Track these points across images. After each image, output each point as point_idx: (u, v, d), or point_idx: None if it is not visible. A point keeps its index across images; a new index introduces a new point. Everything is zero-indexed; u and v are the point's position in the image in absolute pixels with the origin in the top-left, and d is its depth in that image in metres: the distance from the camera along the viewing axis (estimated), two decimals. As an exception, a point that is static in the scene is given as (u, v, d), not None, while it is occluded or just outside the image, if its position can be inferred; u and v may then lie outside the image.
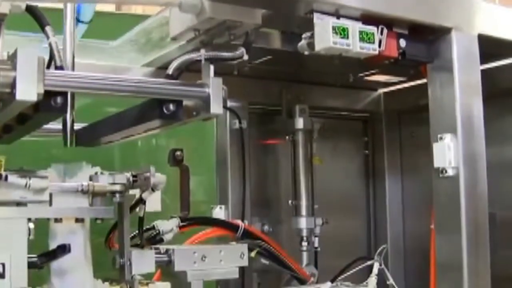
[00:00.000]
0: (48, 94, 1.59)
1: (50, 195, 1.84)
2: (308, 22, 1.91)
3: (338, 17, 1.90)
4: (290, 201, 3.02)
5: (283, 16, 2.10)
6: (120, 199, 1.99)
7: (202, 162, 3.33)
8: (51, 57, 1.79)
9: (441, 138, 2.06)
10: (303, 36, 1.96)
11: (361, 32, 1.91)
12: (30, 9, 1.82)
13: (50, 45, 1.79)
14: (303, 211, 2.97)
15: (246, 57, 1.99)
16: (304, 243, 2.96)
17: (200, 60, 1.94)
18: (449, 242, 2.06)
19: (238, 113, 2.88)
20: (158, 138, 3.70)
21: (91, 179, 1.96)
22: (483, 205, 2.07)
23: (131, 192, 2.06)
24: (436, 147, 2.07)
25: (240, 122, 2.89)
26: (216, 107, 1.84)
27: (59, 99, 1.63)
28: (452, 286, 2.04)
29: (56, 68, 1.78)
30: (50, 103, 1.62)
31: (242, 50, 1.98)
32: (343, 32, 1.87)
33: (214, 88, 1.84)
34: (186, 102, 1.89)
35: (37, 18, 1.83)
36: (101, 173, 1.99)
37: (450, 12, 2.08)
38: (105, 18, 3.34)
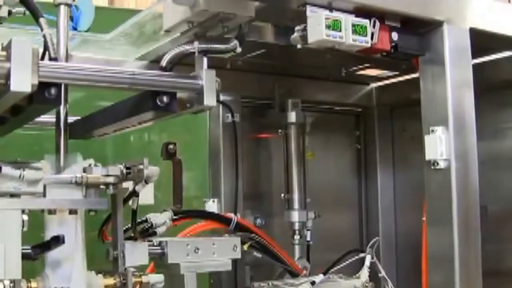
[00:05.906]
0: (42, 86, 1.60)
1: (44, 186, 1.84)
2: (301, 15, 1.91)
3: (330, 10, 1.91)
4: (282, 195, 3.03)
5: (276, 9, 2.11)
6: (114, 191, 1.98)
7: (195, 156, 3.33)
8: (45, 49, 1.79)
9: (432, 131, 2.07)
10: (296, 28, 1.97)
11: (353, 25, 1.92)
12: (24, 1, 1.82)
13: (44, 37, 1.79)
14: (296, 205, 2.99)
15: (239, 49, 2.00)
16: (297, 237, 2.97)
17: (194, 53, 1.95)
18: (440, 234, 2.07)
19: (231, 107, 2.89)
20: (151, 132, 3.70)
21: (85, 170, 1.95)
22: (474, 197, 2.08)
23: (124, 185, 2.06)
24: (428, 139, 2.08)
25: (233, 116, 2.89)
26: (209, 99, 1.85)
27: (53, 91, 1.64)
28: (443, 277, 2.05)
29: (50, 59, 1.78)
30: (44, 94, 1.63)
31: (236, 42, 1.99)
32: (335, 25, 1.88)
33: (207, 80, 1.85)
34: (179, 94, 1.90)
35: (31, 10, 1.83)
36: (95, 165, 1.98)
37: (442, 6, 2.09)
38: (97, 12, 3.34)
